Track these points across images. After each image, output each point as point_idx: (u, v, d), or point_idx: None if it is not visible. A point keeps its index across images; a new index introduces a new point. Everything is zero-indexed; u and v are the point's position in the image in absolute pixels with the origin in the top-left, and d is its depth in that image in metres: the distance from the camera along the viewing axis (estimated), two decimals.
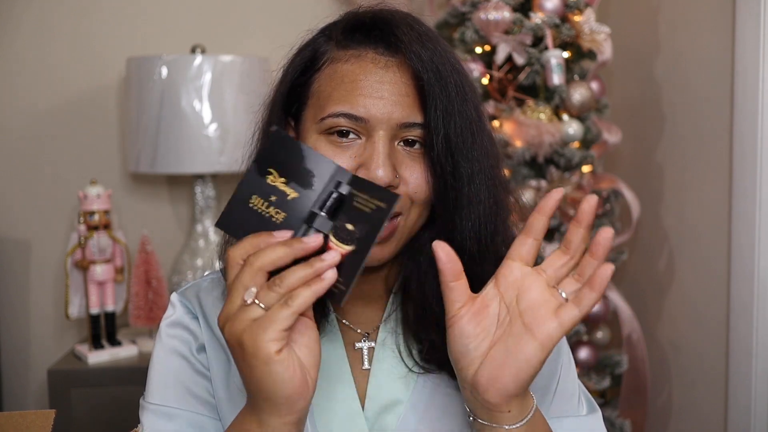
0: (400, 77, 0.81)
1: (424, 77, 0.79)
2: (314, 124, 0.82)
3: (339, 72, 0.82)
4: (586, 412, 0.90)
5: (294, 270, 0.65)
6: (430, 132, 0.79)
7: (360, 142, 0.80)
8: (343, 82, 0.81)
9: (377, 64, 0.81)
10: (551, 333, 0.68)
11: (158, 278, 2.03)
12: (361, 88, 0.80)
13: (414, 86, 0.81)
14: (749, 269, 1.77)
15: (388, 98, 0.79)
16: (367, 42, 0.83)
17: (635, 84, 2.26)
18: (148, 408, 0.87)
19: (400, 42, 0.80)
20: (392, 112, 0.79)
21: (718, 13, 1.87)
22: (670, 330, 2.13)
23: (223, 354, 0.88)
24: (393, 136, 0.80)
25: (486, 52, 1.94)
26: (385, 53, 0.82)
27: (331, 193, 0.69)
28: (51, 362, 2.10)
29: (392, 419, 0.85)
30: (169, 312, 0.92)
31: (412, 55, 0.79)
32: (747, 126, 1.76)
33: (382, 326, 0.89)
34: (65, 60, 2.25)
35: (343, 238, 0.67)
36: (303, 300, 0.64)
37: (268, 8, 2.32)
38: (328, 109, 0.80)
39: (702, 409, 1.98)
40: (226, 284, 0.69)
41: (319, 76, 0.84)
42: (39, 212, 2.27)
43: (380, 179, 0.77)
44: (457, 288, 0.70)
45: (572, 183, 1.89)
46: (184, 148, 1.98)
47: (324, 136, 0.81)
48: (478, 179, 0.81)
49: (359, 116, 0.79)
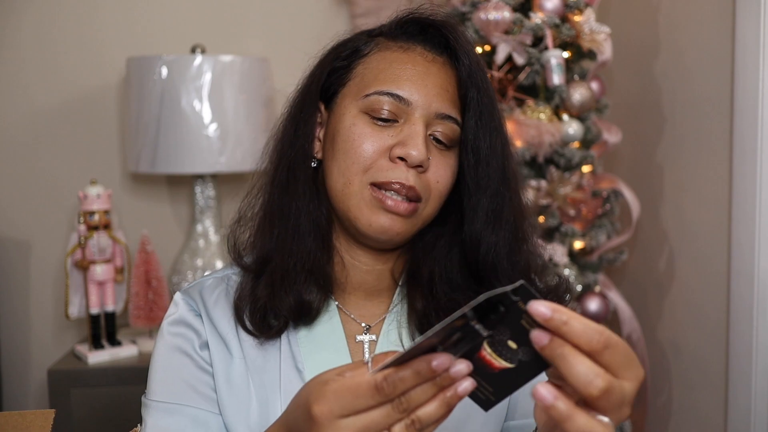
0: (444, 74, 0.88)
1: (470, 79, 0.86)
2: (355, 101, 0.87)
3: (388, 58, 0.88)
4: None
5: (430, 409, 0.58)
6: (466, 131, 0.86)
7: (397, 125, 0.86)
8: (391, 66, 0.87)
9: (425, 57, 0.88)
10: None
11: (158, 278, 2.03)
12: (407, 74, 0.86)
13: (456, 86, 0.88)
14: (749, 269, 1.77)
15: (431, 88, 0.86)
16: (418, 37, 0.90)
17: (635, 84, 2.26)
18: (150, 405, 0.88)
19: (455, 43, 0.88)
20: (433, 101, 0.85)
21: (718, 12, 1.87)
22: (670, 330, 2.13)
23: (226, 351, 0.89)
24: (428, 123, 0.86)
25: (486, 52, 1.94)
26: (433, 50, 0.89)
27: (495, 305, 0.56)
28: (51, 362, 2.10)
29: None
30: (171, 310, 0.93)
31: (461, 57, 0.87)
32: (747, 126, 1.76)
33: (388, 318, 0.90)
34: (65, 60, 2.25)
35: (501, 352, 0.58)
36: (433, 423, 0.58)
37: (268, 8, 2.32)
38: (373, 87, 0.86)
39: (702, 409, 1.98)
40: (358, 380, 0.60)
41: (365, 61, 0.90)
42: (39, 212, 2.27)
43: (415, 157, 0.82)
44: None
45: (572, 183, 1.89)
46: (184, 148, 1.98)
47: (364, 115, 0.86)
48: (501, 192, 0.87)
49: (403, 97, 0.85)
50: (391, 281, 0.93)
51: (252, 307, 0.88)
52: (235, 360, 0.88)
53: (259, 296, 0.88)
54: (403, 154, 0.83)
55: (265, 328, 0.88)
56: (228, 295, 0.92)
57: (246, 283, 0.90)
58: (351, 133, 0.85)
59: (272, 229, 0.89)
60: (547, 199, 1.90)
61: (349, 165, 0.85)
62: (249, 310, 0.88)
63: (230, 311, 0.90)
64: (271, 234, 0.89)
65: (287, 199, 0.89)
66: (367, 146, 0.84)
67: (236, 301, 0.90)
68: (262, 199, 0.93)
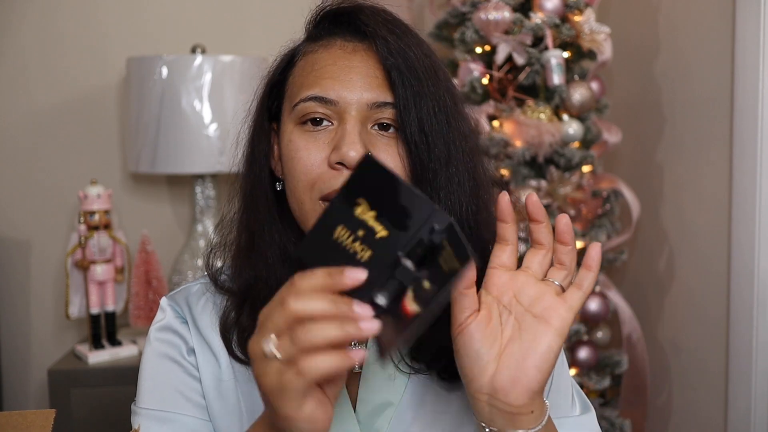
0: (368, 61, 0.82)
1: (389, 60, 0.80)
2: (289, 115, 0.83)
3: (310, 61, 0.84)
4: (580, 412, 0.89)
5: (322, 326, 0.57)
6: (401, 112, 0.80)
7: (332, 128, 0.81)
8: (314, 69, 0.83)
9: (345, 49, 0.83)
10: (564, 317, 0.70)
11: (158, 278, 2.03)
12: (329, 72, 0.81)
13: (382, 70, 0.81)
14: (749, 269, 1.77)
15: (356, 80, 0.81)
16: (334, 30, 0.86)
17: (635, 84, 2.26)
18: (140, 413, 0.87)
19: (366, 26, 0.82)
20: (362, 93, 0.80)
21: (718, 13, 1.87)
22: (670, 330, 2.13)
23: (212, 357, 0.88)
24: (365, 117, 0.81)
25: (486, 52, 1.94)
26: (352, 39, 0.84)
27: (421, 240, 0.59)
28: (51, 362, 2.10)
29: (384, 421, 0.85)
30: (158, 317, 0.92)
31: (378, 39, 0.81)
32: (747, 126, 1.76)
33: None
34: (65, 60, 2.25)
35: (419, 295, 0.59)
36: (317, 372, 0.57)
37: (268, 8, 2.32)
38: (299, 95, 0.82)
39: (702, 408, 1.98)
40: (262, 311, 0.62)
41: (293, 71, 0.86)
42: (39, 212, 2.27)
43: (352, 158, 0.77)
44: (469, 296, 0.70)
45: (572, 183, 1.89)
46: (184, 148, 1.98)
47: (299, 127, 0.82)
48: (456, 161, 0.81)
49: (329, 98, 0.80)
50: None
51: (239, 337, 0.86)
52: (222, 366, 0.88)
53: (245, 326, 0.86)
54: (340, 158, 0.78)
55: None
56: (215, 301, 0.90)
57: (230, 310, 0.88)
58: (290, 150, 0.82)
59: (248, 256, 0.87)
60: (547, 199, 1.90)
61: (296, 184, 0.81)
62: (237, 340, 0.87)
63: (217, 318, 0.89)
64: (248, 260, 0.87)
65: (254, 228, 0.86)
66: (306, 160, 0.80)
67: (222, 329, 0.88)
68: (236, 223, 0.90)
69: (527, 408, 0.70)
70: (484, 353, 0.70)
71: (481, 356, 0.70)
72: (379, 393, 0.85)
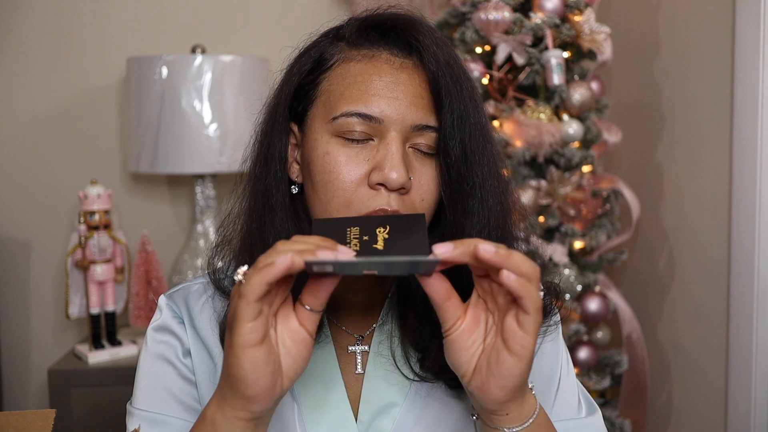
0: (415, 79, 0.80)
1: (441, 81, 0.78)
2: (325, 124, 0.80)
3: (351, 71, 0.81)
4: (586, 413, 0.90)
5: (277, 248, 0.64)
6: (445, 136, 0.79)
7: (372, 144, 0.79)
8: (356, 82, 0.80)
9: (392, 64, 0.80)
10: (522, 344, 0.66)
11: (158, 278, 2.03)
12: (375, 87, 0.79)
13: (428, 90, 0.80)
14: (749, 269, 1.77)
15: (402, 99, 0.78)
16: (381, 42, 0.82)
17: (635, 84, 2.26)
18: (134, 413, 0.86)
19: (420, 44, 0.79)
20: (407, 114, 0.78)
21: (718, 13, 1.87)
22: (670, 330, 2.13)
23: (209, 359, 0.88)
24: (405, 138, 0.79)
25: (486, 52, 1.94)
26: (399, 54, 0.81)
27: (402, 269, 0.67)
28: (51, 362, 2.10)
29: (387, 423, 0.84)
30: (156, 316, 0.91)
31: (431, 58, 0.79)
32: (747, 126, 1.77)
33: (378, 330, 0.88)
34: (65, 60, 2.25)
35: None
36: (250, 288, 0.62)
37: (268, 8, 2.32)
38: (340, 108, 0.79)
39: (702, 408, 1.98)
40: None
41: (329, 75, 0.82)
42: (39, 212, 2.27)
43: (394, 181, 0.76)
44: (449, 306, 0.69)
45: (572, 183, 1.89)
46: (184, 148, 1.98)
47: (336, 139, 0.79)
48: (488, 184, 0.81)
49: (373, 116, 0.78)
50: (380, 295, 0.90)
51: None
52: (218, 368, 0.86)
53: None
54: (382, 179, 0.76)
55: None
56: (215, 301, 0.89)
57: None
58: (326, 164, 0.79)
59: (253, 255, 0.83)
60: (547, 199, 1.90)
61: (330, 200, 0.79)
62: None
63: (216, 319, 0.88)
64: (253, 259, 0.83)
65: (266, 228, 0.84)
66: (346, 176, 0.78)
67: (221, 330, 0.86)
68: (241, 225, 0.88)
69: (500, 412, 0.71)
70: (464, 362, 0.70)
71: (462, 364, 0.70)
72: (382, 395, 0.85)
